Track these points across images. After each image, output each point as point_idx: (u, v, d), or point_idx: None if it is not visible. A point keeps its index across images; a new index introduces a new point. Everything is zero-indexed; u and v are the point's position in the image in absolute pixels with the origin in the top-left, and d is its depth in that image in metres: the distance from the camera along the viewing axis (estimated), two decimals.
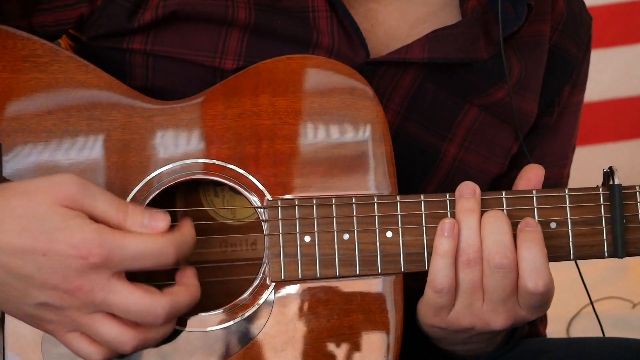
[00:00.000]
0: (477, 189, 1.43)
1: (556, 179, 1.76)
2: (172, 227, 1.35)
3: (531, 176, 1.48)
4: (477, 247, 1.40)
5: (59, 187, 1.31)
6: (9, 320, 1.39)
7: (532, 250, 1.40)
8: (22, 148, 1.42)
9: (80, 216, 1.30)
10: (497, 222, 1.41)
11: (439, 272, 1.40)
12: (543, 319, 1.77)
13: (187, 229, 1.37)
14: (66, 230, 1.29)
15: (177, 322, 1.41)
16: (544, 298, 1.41)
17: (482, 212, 1.42)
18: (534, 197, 1.45)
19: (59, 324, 1.33)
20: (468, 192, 1.43)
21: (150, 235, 1.32)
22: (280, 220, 1.42)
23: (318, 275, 1.42)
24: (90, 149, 1.43)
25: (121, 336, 1.32)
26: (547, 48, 1.68)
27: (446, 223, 1.41)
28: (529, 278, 1.39)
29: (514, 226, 1.42)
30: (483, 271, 1.40)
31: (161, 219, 1.34)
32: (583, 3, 1.78)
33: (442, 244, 1.40)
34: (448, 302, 1.41)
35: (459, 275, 1.41)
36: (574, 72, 1.73)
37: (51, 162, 1.42)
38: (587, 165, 2.29)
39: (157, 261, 1.32)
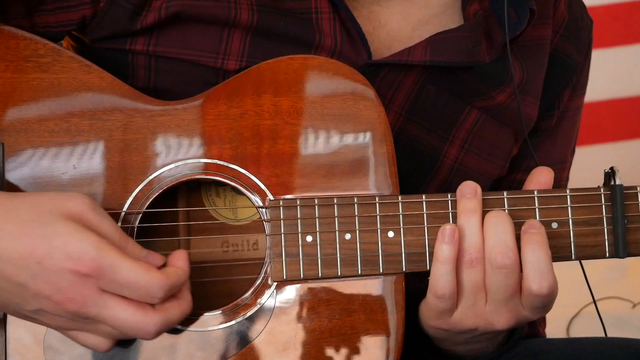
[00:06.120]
0: (479, 188, 1.43)
1: (555, 182, 1.76)
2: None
3: (541, 179, 1.47)
4: (479, 247, 1.40)
5: (69, 201, 1.32)
6: (11, 321, 1.39)
7: (536, 253, 1.40)
8: (24, 148, 1.42)
9: (84, 228, 1.30)
10: (499, 222, 1.41)
11: (440, 278, 1.40)
12: (542, 320, 1.78)
13: (182, 268, 1.37)
14: (65, 237, 1.29)
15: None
16: (548, 299, 1.42)
17: (485, 212, 1.42)
18: (536, 198, 1.45)
19: (59, 326, 1.34)
20: (469, 192, 1.43)
21: (146, 270, 1.31)
22: (282, 220, 1.42)
23: (320, 275, 1.42)
24: (92, 149, 1.43)
25: (136, 321, 1.32)
26: (548, 52, 1.69)
27: (447, 229, 1.40)
28: (534, 280, 1.39)
29: (517, 226, 1.42)
30: (485, 271, 1.41)
31: (158, 260, 1.36)
32: (584, 7, 1.78)
33: (443, 251, 1.40)
34: (450, 307, 1.41)
35: (462, 276, 1.41)
36: (574, 75, 1.73)
37: (53, 162, 1.42)
38: (587, 166, 2.29)
39: (143, 298, 1.32)
